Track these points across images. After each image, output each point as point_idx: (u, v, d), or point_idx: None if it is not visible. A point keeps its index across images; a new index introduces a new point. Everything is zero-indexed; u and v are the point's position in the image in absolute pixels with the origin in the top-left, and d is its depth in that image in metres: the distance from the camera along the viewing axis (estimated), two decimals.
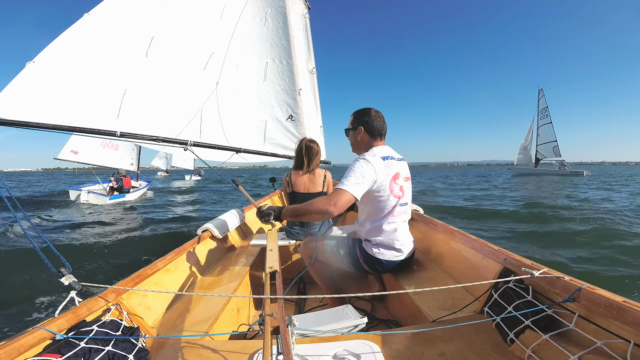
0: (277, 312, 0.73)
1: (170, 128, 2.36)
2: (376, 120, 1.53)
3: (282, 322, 0.70)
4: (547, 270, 1.00)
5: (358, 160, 1.42)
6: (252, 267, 1.95)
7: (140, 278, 1.33)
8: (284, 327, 0.69)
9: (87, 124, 1.81)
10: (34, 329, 0.86)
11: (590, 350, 0.75)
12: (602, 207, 8.78)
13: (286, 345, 0.62)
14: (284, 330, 0.67)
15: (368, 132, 1.54)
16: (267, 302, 0.77)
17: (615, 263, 4.05)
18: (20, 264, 4.54)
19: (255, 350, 0.98)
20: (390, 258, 1.52)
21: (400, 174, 1.51)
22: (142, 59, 2.13)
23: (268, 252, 1.16)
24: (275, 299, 0.79)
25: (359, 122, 1.56)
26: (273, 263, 1.01)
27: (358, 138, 1.57)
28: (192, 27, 2.50)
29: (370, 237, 1.53)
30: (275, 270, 0.96)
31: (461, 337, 1.01)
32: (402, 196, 1.50)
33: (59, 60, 1.66)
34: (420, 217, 2.11)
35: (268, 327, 0.69)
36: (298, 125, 3.42)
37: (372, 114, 1.54)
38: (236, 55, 2.93)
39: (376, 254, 1.52)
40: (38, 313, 2.91)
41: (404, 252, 1.55)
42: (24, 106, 1.53)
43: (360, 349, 0.94)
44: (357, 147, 1.61)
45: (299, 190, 2.28)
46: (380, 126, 1.54)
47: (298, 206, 1.41)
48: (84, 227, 6.78)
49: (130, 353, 0.93)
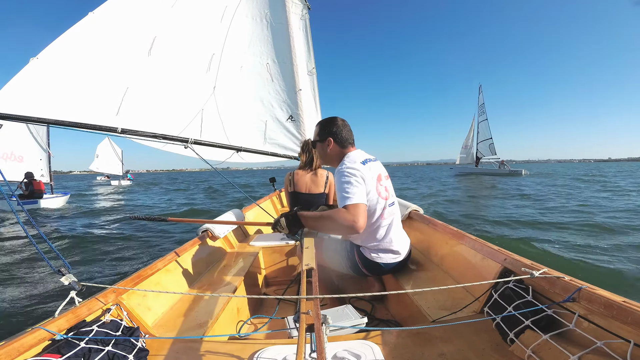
0: (313, 310, 0.72)
1: (171, 127, 2.37)
2: (344, 129, 1.51)
3: (317, 320, 0.69)
4: (547, 271, 1.00)
5: (342, 171, 1.36)
6: (252, 267, 1.95)
7: (140, 278, 1.33)
8: (319, 325, 0.68)
9: (88, 120, 1.82)
10: (34, 329, 0.85)
11: (590, 350, 0.75)
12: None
13: (320, 344, 0.62)
14: (318, 329, 0.67)
15: (338, 142, 1.50)
16: (302, 301, 0.76)
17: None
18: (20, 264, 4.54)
19: (255, 351, 0.98)
20: (388, 261, 1.52)
21: (382, 174, 1.50)
22: (144, 58, 2.14)
23: (305, 249, 1.15)
24: (311, 298, 0.78)
25: (327, 133, 1.52)
26: (309, 261, 1.00)
27: (328, 150, 1.53)
28: (194, 28, 2.51)
29: (367, 244, 1.53)
30: (312, 268, 0.95)
31: (461, 337, 1.01)
32: (389, 196, 1.50)
33: (62, 57, 1.68)
34: (420, 217, 2.11)
35: (303, 325, 0.69)
36: (298, 125, 3.43)
37: (339, 123, 1.51)
38: (237, 56, 2.94)
39: (375, 259, 1.51)
40: (38, 313, 2.91)
41: (401, 253, 1.54)
42: (26, 101, 1.54)
43: (360, 349, 0.94)
44: (328, 159, 1.56)
45: (300, 190, 2.28)
46: (349, 134, 1.52)
47: (317, 217, 1.34)
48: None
49: (130, 353, 0.93)
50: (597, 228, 6.07)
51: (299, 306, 0.75)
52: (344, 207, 1.26)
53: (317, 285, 0.87)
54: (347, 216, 1.23)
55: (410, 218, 2.21)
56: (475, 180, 24.32)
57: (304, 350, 0.61)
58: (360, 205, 1.26)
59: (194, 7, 2.49)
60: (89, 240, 5.91)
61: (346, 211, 1.24)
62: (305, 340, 0.66)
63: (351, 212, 1.23)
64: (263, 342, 1.06)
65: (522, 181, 21.77)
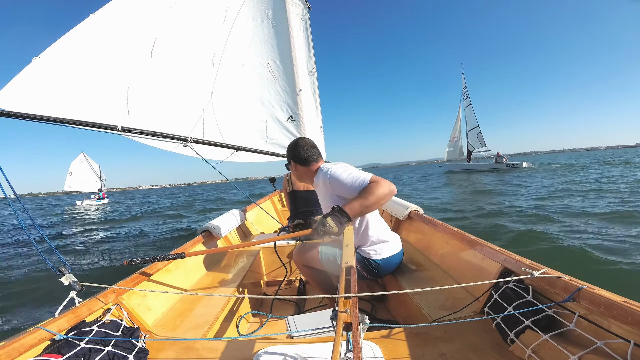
0: (351, 309, 0.72)
1: (171, 127, 2.37)
2: (302, 150, 1.61)
3: (355, 319, 0.68)
4: (547, 271, 1.00)
5: (332, 173, 1.45)
6: (252, 267, 1.95)
7: (140, 278, 1.33)
8: (356, 324, 0.68)
9: (89, 118, 1.83)
10: (34, 329, 0.86)
11: (591, 351, 0.75)
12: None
13: (356, 343, 0.62)
14: (355, 328, 0.66)
15: (299, 162, 1.62)
16: (340, 299, 0.77)
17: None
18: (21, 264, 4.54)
19: (255, 351, 0.98)
20: (383, 255, 1.55)
21: None
22: (145, 58, 2.15)
23: (345, 247, 1.15)
24: (350, 297, 0.78)
25: (290, 156, 1.67)
26: (349, 259, 1.01)
27: (295, 170, 1.68)
28: (195, 28, 2.52)
29: (361, 242, 1.56)
30: (351, 266, 0.95)
31: (461, 337, 1.01)
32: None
33: (64, 56, 1.69)
34: (420, 217, 2.11)
35: (340, 323, 0.68)
36: (298, 125, 3.43)
37: (299, 145, 1.63)
38: (237, 56, 2.94)
39: (373, 256, 1.53)
40: (38, 313, 2.91)
41: (393, 244, 1.59)
42: (27, 99, 1.55)
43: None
44: (301, 178, 1.71)
45: (299, 188, 2.29)
46: (308, 154, 1.61)
47: (362, 201, 1.34)
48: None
49: (130, 353, 0.94)
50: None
51: (337, 305, 0.74)
52: (369, 182, 1.36)
53: (356, 285, 0.86)
54: (382, 185, 1.33)
55: (410, 218, 2.21)
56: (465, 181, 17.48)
57: (339, 349, 0.61)
58: (373, 175, 1.38)
59: (194, 8, 2.50)
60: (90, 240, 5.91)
61: (375, 183, 1.35)
62: (341, 337, 0.65)
63: (379, 182, 1.34)
64: (263, 342, 1.06)
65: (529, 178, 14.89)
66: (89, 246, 5.98)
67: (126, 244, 6.12)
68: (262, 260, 2.23)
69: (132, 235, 7.29)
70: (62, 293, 1.00)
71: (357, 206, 1.36)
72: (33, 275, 4.00)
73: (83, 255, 5.13)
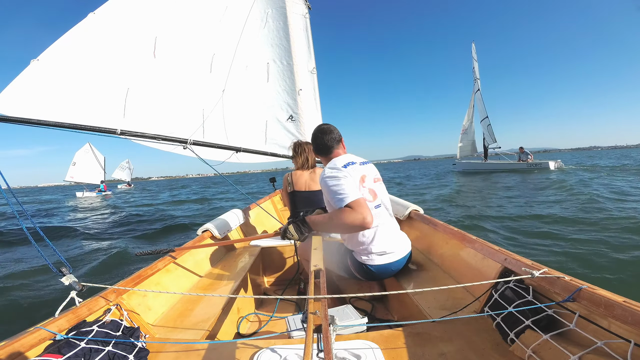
0: (320, 311, 0.73)
1: (172, 128, 2.37)
2: (321, 139, 1.59)
3: (325, 321, 0.69)
4: (547, 270, 1.00)
5: (325, 178, 1.41)
6: (253, 267, 1.95)
7: (140, 278, 1.33)
8: (327, 325, 0.69)
9: (88, 121, 1.82)
10: (34, 329, 0.86)
11: (591, 350, 0.75)
12: None
13: (327, 345, 0.63)
14: (325, 329, 0.67)
15: (317, 151, 1.64)
16: (310, 301, 0.77)
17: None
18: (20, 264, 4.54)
19: (255, 351, 0.98)
20: (378, 262, 1.47)
21: (367, 177, 1.50)
22: (145, 59, 2.14)
23: (313, 250, 1.15)
24: (319, 298, 0.78)
25: (313, 144, 1.66)
26: (318, 262, 1.01)
27: (316, 157, 1.73)
28: (195, 28, 2.51)
29: (355, 248, 1.51)
30: (320, 269, 0.95)
31: (461, 337, 1.01)
32: (374, 199, 1.49)
33: (62, 58, 1.67)
34: (420, 217, 2.11)
35: (311, 325, 0.69)
36: (298, 125, 3.43)
37: (317, 134, 1.62)
38: (237, 56, 2.93)
39: (365, 261, 1.48)
40: (38, 313, 2.91)
41: (394, 256, 1.51)
42: (26, 103, 1.54)
43: (361, 349, 0.94)
44: (323, 163, 1.68)
45: (300, 188, 2.28)
46: (327, 142, 1.57)
47: (326, 221, 1.36)
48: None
49: (130, 353, 0.94)
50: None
51: (307, 307, 0.75)
52: (346, 206, 1.27)
53: (325, 287, 0.87)
54: (354, 214, 1.24)
55: (410, 218, 2.21)
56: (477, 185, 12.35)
57: (311, 350, 0.61)
58: (359, 200, 1.28)
59: (195, 7, 2.49)
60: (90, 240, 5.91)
61: (351, 210, 1.26)
62: (312, 340, 0.66)
63: (356, 209, 1.25)
64: (263, 342, 1.06)
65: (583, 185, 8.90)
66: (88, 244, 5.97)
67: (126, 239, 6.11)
68: (261, 260, 2.23)
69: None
70: (63, 293, 0.99)
71: (319, 223, 1.37)
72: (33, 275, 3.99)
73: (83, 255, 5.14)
